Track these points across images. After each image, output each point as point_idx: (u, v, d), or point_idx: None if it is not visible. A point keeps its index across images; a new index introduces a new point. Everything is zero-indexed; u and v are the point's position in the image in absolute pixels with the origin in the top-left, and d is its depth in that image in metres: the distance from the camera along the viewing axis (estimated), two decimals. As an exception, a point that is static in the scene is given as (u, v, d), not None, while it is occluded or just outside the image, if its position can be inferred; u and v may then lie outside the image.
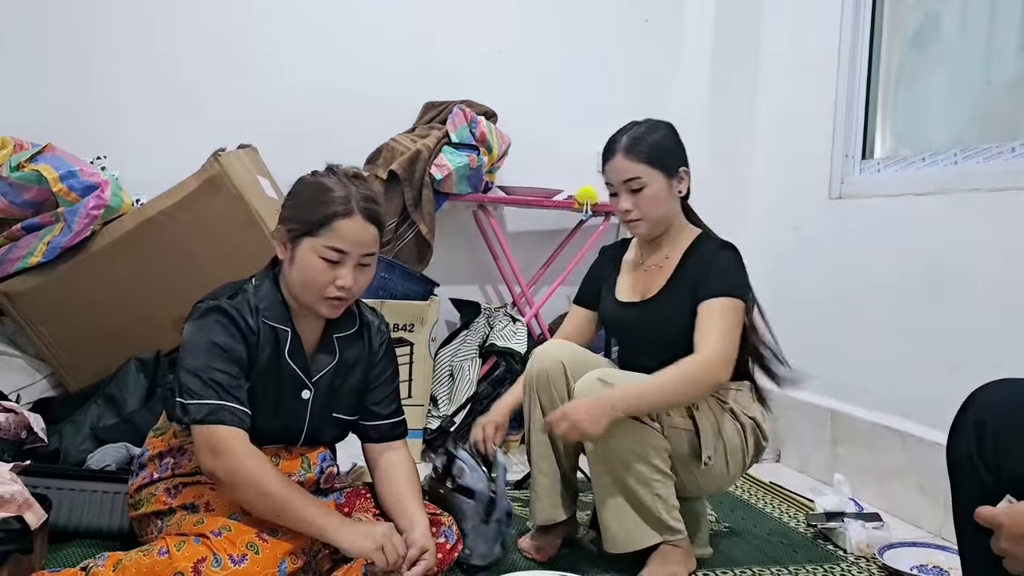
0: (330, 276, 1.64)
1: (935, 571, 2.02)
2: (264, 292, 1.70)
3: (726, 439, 1.96)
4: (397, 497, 1.75)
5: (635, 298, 2.06)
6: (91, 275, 2.45)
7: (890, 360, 2.65)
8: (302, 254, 1.64)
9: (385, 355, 1.86)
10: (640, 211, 1.98)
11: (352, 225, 1.63)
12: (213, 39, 3.12)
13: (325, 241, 1.62)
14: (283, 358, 1.70)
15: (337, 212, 1.62)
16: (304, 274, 1.65)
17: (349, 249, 1.63)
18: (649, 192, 1.97)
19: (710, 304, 1.91)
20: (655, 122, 2.05)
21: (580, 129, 3.41)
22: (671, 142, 2.03)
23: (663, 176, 1.98)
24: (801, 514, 2.46)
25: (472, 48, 3.39)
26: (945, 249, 2.48)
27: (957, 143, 2.59)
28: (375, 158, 3.09)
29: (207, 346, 1.62)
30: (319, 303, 1.66)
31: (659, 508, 1.87)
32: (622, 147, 1.98)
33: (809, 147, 3.11)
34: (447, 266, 3.24)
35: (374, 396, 1.84)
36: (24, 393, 2.44)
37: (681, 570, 1.90)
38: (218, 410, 1.58)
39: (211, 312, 1.65)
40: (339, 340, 1.78)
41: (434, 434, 2.88)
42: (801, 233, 3.16)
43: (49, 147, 2.53)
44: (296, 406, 1.73)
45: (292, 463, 1.73)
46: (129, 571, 1.48)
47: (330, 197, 1.64)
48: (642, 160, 1.96)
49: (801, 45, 3.23)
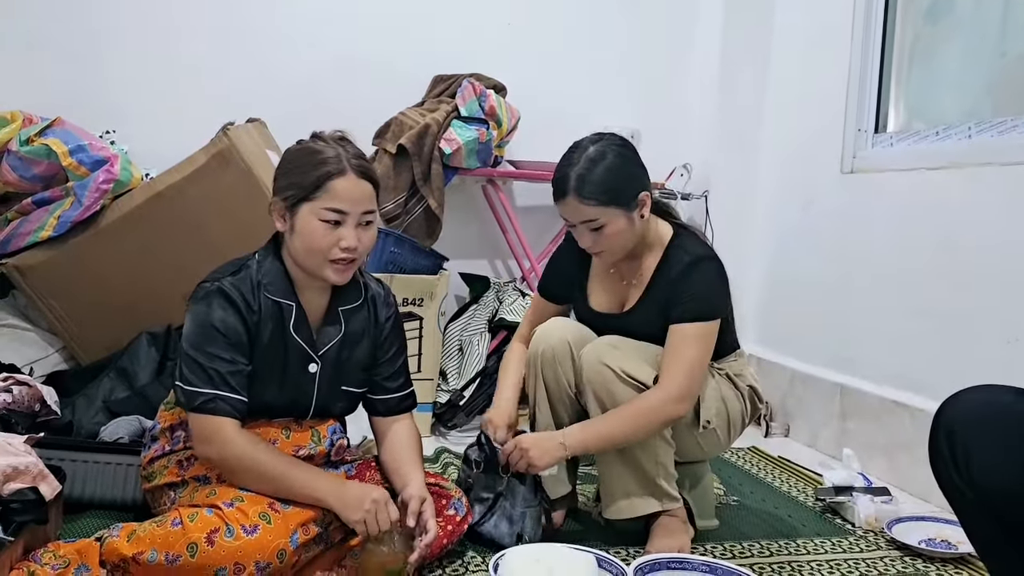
0: (333, 238, 1.63)
1: (944, 544, 2.02)
2: (267, 267, 1.70)
3: (727, 403, 1.98)
4: (397, 462, 1.78)
5: (612, 309, 2.02)
6: (101, 249, 2.46)
7: (900, 335, 2.64)
8: (302, 221, 1.64)
9: (392, 328, 1.86)
10: (602, 246, 1.90)
11: (347, 183, 1.63)
12: (221, 13, 3.11)
13: (323, 203, 1.62)
14: (288, 332, 1.70)
15: (331, 172, 1.62)
16: (307, 240, 1.64)
17: (348, 208, 1.63)
18: (609, 231, 1.86)
19: (681, 331, 1.86)
20: (603, 146, 1.88)
21: (590, 103, 3.40)
22: (624, 172, 1.87)
23: (622, 212, 1.85)
24: (810, 488, 2.47)
25: (481, 21, 3.36)
26: (958, 223, 2.46)
27: (971, 116, 2.57)
28: (384, 132, 3.08)
29: (206, 330, 1.63)
30: (326, 268, 1.66)
31: (660, 475, 1.89)
32: (572, 188, 1.84)
33: (821, 121, 3.08)
34: (456, 240, 3.24)
35: (383, 370, 1.85)
36: (37, 366, 2.46)
37: (686, 540, 1.93)
38: (212, 399, 1.61)
39: (211, 295, 1.65)
40: (344, 312, 1.78)
41: (443, 408, 2.90)
42: (813, 207, 3.14)
43: (58, 121, 2.53)
44: (303, 380, 1.74)
45: (303, 436, 1.74)
46: (143, 541, 1.50)
47: (321, 159, 1.64)
48: (597, 202, 1.83)
49: (814, 17, 3.19)
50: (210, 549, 1.47)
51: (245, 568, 1.47)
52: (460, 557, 1.85)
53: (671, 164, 3.40)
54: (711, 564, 1.74)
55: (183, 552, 1.47)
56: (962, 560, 1.96)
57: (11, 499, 1.54)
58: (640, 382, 1.84)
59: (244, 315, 1.65)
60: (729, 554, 1.97)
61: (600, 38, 3.50)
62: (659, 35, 3.57)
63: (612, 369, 1.84)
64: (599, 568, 1.67)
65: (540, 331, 2.03)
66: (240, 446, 1.60)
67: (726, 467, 2.65)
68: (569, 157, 1.89)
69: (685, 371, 1.84)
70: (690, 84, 3.56)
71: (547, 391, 2.00)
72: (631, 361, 1.86)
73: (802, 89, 3.24)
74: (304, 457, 1.70)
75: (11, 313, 2.59)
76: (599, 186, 1.83)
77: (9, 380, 2.14)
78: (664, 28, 3.57)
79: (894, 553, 2.02)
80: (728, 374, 2.01)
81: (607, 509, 1.94)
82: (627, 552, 1.93)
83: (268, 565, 1.49)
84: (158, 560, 1.48)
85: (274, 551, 1.50)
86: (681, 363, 1.85)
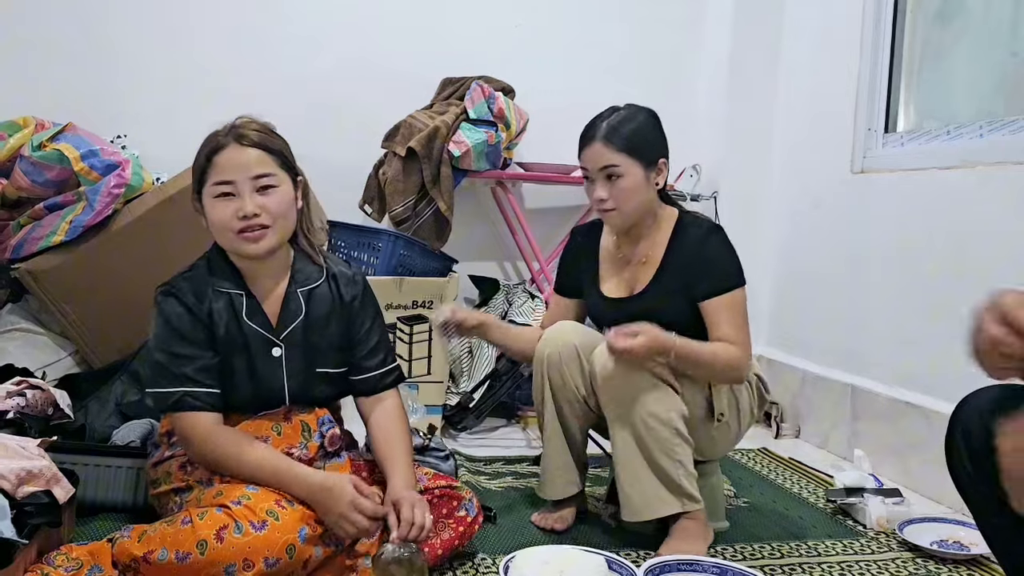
0: (231, 209, 1.66)
1: (956, 546, 2.01)
2: (215, 263, 1.75)
3: (737, 394, 1.99)
4: (381, 453, 1.78)
5: (622, 293, 2.04)
6: (113, 253, 2.48)
7: (911, 336, 2.63)
8: (207, 207, 1.69)
9: (363, 306, 1.85)
10: (615, 201, 1.94)
11: (228, 153, 1.67)
12: (231, 17, 3.13)
13: (212, 180, 1.67)
14: (243, 321, 1.72)
15: (212, 149, 1.67)
16: (213, 223, 1.69)
17: (232, 176, 1.66)
18: (625, 183, 1.92)
19: (717, 302, 1.91)
20: (636, 108, 1.99)
21: (599, 104, 3.37)
22: (652, 131, 1.98)
23: (641, 167, 1.93)
24: (821, 490, 2.46)
25: (490, 23, 3.37)
26: (969, 223, 2.45)
27: (982, 116, 2.55)
28: (393, 135, 3.09)
29: (164, 332, 1.68)
30: (237, 242, 1.68)
31: (679, 475, 1.87)
32: (601, 134, 1.93)
33: (831, 121, 3.07)
34: (466, 243, 3.24)
35: (359, 350, 1.84)
36: (50, 370, 2.48)
37: (701, 545, 1.90)
38: (179, 397, 1.64)
39: (164, 296, 1.71)
40: (304, 294, 1.78)
41: (453, 410, 2.90)
42: (822, 207, 3.13)
43: (70, 126, 2.55)
44: (270, 365, 1.74)
45: (293, 433, 1.74)
46: (153, 541, 1.52)
47: (207, 139, 1.70)
48: (621, 149, 1.92)
49: (823, 16, 3.18)
50: (219, 546, 1.48)
51: (254, 564, 1.48)
52: (471, 559, 1.85)
53: (680, 165, 3.39)
54: (721, 566, 1.73)
55: (193, 550, 1.48)
56: (974, 562, 1.94)
57: (25, 502, 1.55)
58: (656, 374, 1.85)
59: (194, 310, 1.69)
60: (739, 556, 1.97)
61: (608, 40, 3.50)
62: (668, 36, 3.56)
63: (628, 365, 1.84)
64: (609, 570, 1.67)
65: (547, 335, 2.04)
66: (212, 442, 1.63)
67: (736, 468, 2.64)
68: (601, 114, 2.00)
69: (746, 336, 1.90)
70: (699, 85, 3.55)
71: (553, 394, 2.01)
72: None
73: (812, 89, 3.23)
74: (298, 458, 1.69)
75: (24, 317, 2.60)
76: (626, 137, 1.93)
77: (22, 384, 2.15)
78: (673, 29, 3.56)
79: (906, 555, 2.01)
80: None
81: (625, 510, 1.91)
82: (637, 554, 1.92)
83: (277, 561, 1.50)
84: (168, 559, 1.49)
85: (283, 546, 1.51)
86: (740, 329, 1.90)
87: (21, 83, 2.91)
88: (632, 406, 1.85)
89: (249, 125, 1.72)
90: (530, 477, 2.44)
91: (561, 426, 2.03)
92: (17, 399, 2.08)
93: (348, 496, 1.58)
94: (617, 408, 1.88)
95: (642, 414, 1.85)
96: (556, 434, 2.04)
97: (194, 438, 1.65)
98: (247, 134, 1.69)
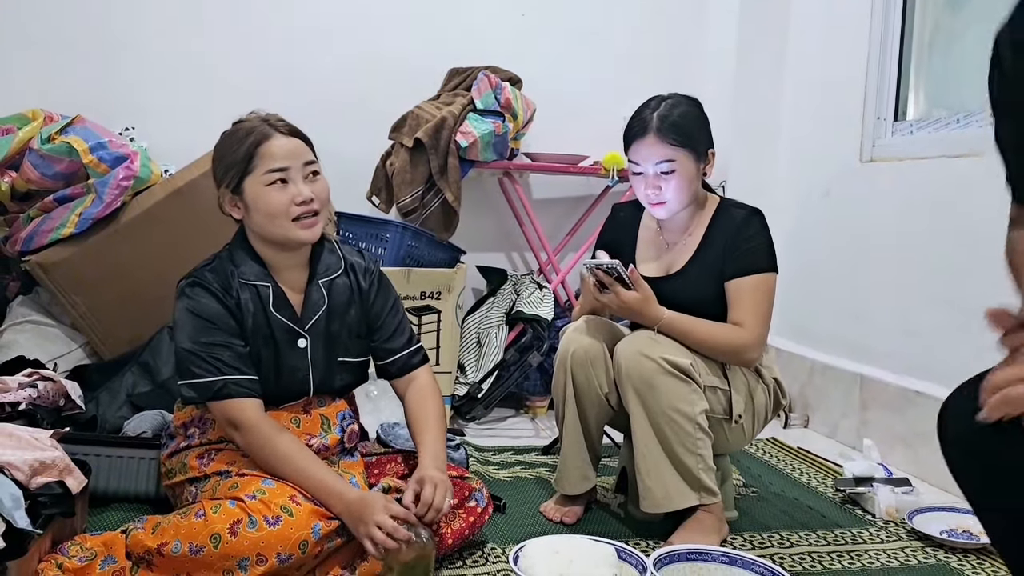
0: (287, 196, 1.66)
1: (965, 535, 2.01)
2: (239, 255, 1.74)
3: (754, 396, 1.98)
4: (413, 429, 1.81)
5: (659, 273, 2.03)
6: (122, 245, 2.48)
7: (920, 325, 2.62)
8: (251, 195, 1.67)
9: (379, 292, 1.86)
10: (667, 195, 1.92)
11: (277, 142, 1.67)
12: (238, 10, 3.12)
13: (262, 168, 1.66)
14: (270, 313, 1.72)
15: (257, 139, 1.66)
16: (264, 209, 1.67)
17: (287, 163, 1.66)
18: (679, 176, 1.91)
19: (741, 283, 1.90)
20: (682, 98, 1.96)
21: (606, 95, 3.38)
22: (701, 121, 1.96)
23: (694, 160, 1.92)
24: (830, 479, 2.46)
25: (496, 13, 3.36)
26: (978, 212, 2.43)
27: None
28: (400, 126, 3.08)
29: (196, 322, 1.67)
30: (292, 229, 1.68)
31: (698, 468, 1.86)
32: (654, 127, 1.89)
33: (839, 109, 3.06)
34: (473, 233, 3.24)
35: (381, 334, 1.86)
36: (61, 362, 2.49)
37: (715, 538, 1.89)
38: (224, 385, 1.64)
39: (191, 287, 1.69)
40: (325, 284, 1.79)
41: (462, 400, 2.91)
42: (831, 196, 3.12)
43: (78, 119, 2.55)
44: (296, 356, 1.75)
45: (312, 424, 1.75)
46: (167, 533, 1.53)
47: (244, 132, 1.69)
48: (676, 143, 1.89)
49: (831, 3, 3.16)
50: (233, 540, 1.49)
51: (267, 559, 1.49)
52: (480, 548, 1.86)
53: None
54: (731, 555, 1.73)
55: (207, 543, 1.49)
56: (984, 551, 1.94)
57: (39, 492, 1.57)
58: (682, 369, 1.84)
59: (223, 300, 1.68)
60: (749, 545, 1.97)
61: (615, 29, 3.48)
62: (675, 24, 3.54)
63: (653, 359, 1.84)
64: (619, 559, 1.67)
65: (572, 330, 2.02)
66: (263, 434, 1.63)
67: (746, 458, 2.64)
68: (647, 104, 1.95)
69: (761, 320, 1.89)
70: (707, 73, 3.53)
71: (576, 392, 1.99)
72: (670, 351, 1.86)
73: (820, 77, 3.21)
74: (317, 448, 1.71)
75: (34, 309, 2.62)
76: (680, 128, 1.90)
77: (34, 375, 2.17)
78: (679, 17, 3.55)
79: (915, 544, 2.01)
80: (758, 369, 2.00)
81: (645, 502, 1.90)
82: (647, 544, 1.93)
83: (290, 556, 1.51)
84: (182, 551, 1.50)
85: (296, 542, 1.51)
86: (755, 313, 1.89)
87: (30, 76, 2.91)
88: (656, 400, 1.85)
89: (277, 117, 1.73)
90: (539, 467, 2.45)
91: (581, 424, 2.02)
92: (29, 390, 2.10)
93: (384, 519, 1.53)
94: (640, 402, 1.87)
95: (665, 408, 1.84)
96: (575, 430, 2.02)
97: (244, 424, 1.63)
98: (289, 126, 1.71)
